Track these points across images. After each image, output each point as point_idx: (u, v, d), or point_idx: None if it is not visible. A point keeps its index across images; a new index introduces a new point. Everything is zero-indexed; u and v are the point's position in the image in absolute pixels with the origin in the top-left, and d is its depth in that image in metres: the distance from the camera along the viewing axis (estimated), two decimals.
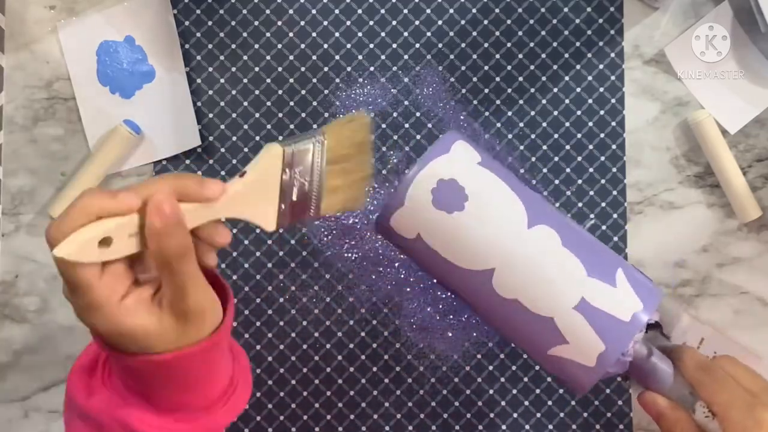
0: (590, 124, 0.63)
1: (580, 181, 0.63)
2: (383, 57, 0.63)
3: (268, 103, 0.63)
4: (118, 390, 0.40)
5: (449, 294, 0.49)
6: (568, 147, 0.63)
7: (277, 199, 0.42)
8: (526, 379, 0.62)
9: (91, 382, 0.41)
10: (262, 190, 0.42)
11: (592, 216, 0.63)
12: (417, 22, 0.64)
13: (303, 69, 0.63)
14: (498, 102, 0.63)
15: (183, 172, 0.39)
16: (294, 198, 0.43)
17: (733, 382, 0.47)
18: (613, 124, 0.63)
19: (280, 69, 0.63)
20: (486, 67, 0.63)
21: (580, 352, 0.46)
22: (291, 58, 0.63)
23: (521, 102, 0.63)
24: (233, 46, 0.63)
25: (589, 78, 0.63)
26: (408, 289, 0.62)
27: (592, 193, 0.63)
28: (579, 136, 0.63)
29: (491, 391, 0.62)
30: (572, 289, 0.47)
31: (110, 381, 0.40)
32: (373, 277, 0.62)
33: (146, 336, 0.37)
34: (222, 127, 0.63)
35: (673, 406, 0.46)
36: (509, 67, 0.63)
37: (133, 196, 0.37)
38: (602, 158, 0.63)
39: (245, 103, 0.63)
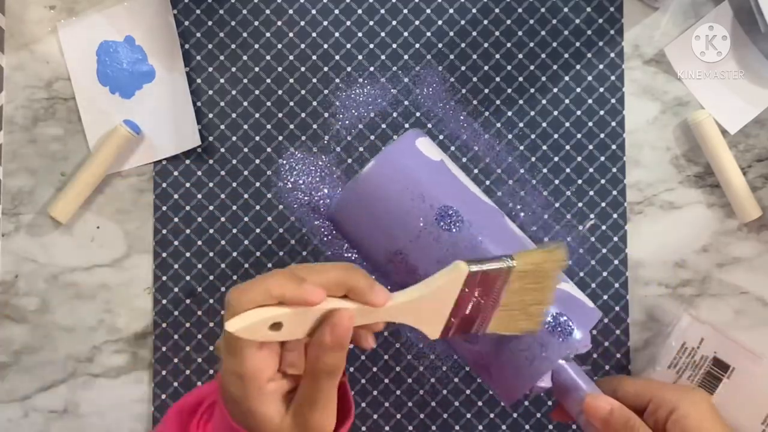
0: (590, 124, 0.63)
1: (580, 181, 0.63)
2: (383, 57, 0.63)
3: (268, 103, 0.63)
4: None
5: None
6: (568, 147, 0.63)
7: (449, 314, 0.42)
8: None
9: (188, 424, 0.42)
10: (435, 303, 0.42)
11: (592, 216, 0.63)
12: (417, 22, 0.64)
13: (303, 69, 0.63)
14: (498, 102, 0.63)
15: (355, 268, 0.40)
16: (465, 315, 0.42)
17: (652, 379, 0.50)
18: (613, 124, 0.63)
19: (280, 69, 0.63)
20: (486, 67, 0.63)
21: (579, 293, 0.50)
22: (291, 58, 0.63)
23: (521, 102, 0.63)
24: (233, 46, 0.63)
25: (589, 78, 0.63)
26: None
27: (592, 193, 0.63)
28: (579, 136, 0.63)
29: (491, 391, 0.62)
30: None
31: (205, 430, 0.41)
32: (373, 276, 0.62)
33: (263, 424, 0.38)
34: (222, 127, 0.63)
35: (621, 404, 0.46)
36: (509, 67, 0.63)
37: (319, 292, 0.38)
38: (602, 158, 0.63)
39: (245, 103, 0.63)
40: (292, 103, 0.63)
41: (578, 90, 0.63)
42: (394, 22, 0.64)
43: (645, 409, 0.49)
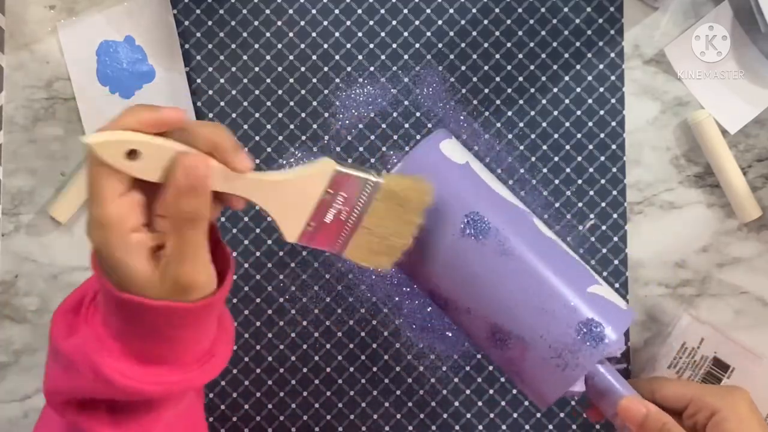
0: (590, 124, 0.63)
1: (580, 181, 0.63)
2: (383, 57, 0.63)
3: (268, 103, 0.63)
4: (98, 332, 0.39)
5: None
6: (568, 147, 0.63)
7: (310, 212, 0.41)
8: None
9: (74, 321, 0.41)
10: (298, 194, 0.41)
11: (592, 216, 0.63)
12: (417, 22, 0.64)
13: (303, 69, 0.63)
14: (498, 102, 0.63)
15: (222, 126, 0.39)
16: (326, 221, 0.42)
17: (691, 380, 0.50)
18: (613, 124, 0.63)
19: (280, 69, 0.63)
20: (486, 67, 0.63)
21: (613, 294, 0.49)
22: (291, 58, 0.63)
23: (521, 102, 0.63)
24: (233, 46, 0.63)
25: (589, 78, 0.63)
26: (408, 289, 0.62)
27: (592, 193, 0.63)
28: (579, 136, 0.63)
29: (491, 391, 0.62)
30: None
31: (92, 321, 0.40)
32: (373, 277, 0.62)
33: (134, 280, 0.36)
34: None
35: (658, 408, 0.46)
36: (509, 67, 0.63)
37: (177, 112, 0.37)
38: (602, 158, 0.63)
39: (245, 103, 0.63)
40: (292, 103, 0.63)
41: (578, 90, 0.63)
42: (394, 22, 0.64)
43: (683, 411, 0.48)
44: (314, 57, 0.63)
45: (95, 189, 0.36)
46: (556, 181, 0.63)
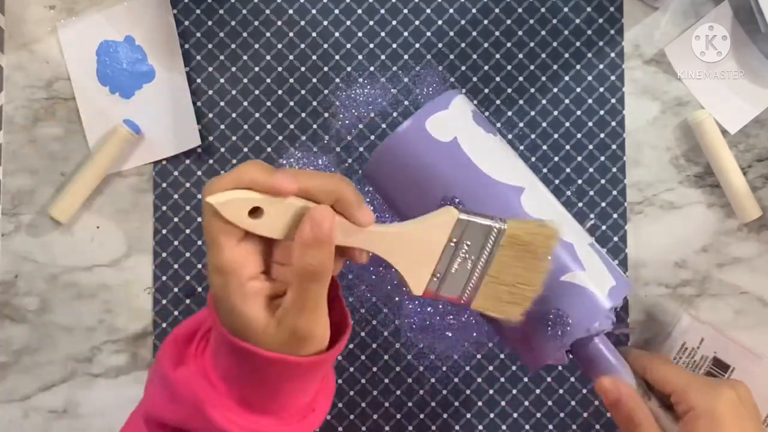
0: (590, 124, 0.63)
1: (580, 181, 0.63)
2: (383, 57, 0.63)
3: (268, 103, 0.63)
4: (206, 369, 0.39)
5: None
6: (568, 147, 0.63)
7: (435, 263, 0.41)
8: (525, 379, 0.62)
9: (184, 351, 0.41)
10: (422, 245, 0.41)
11: (592, 216, 0.63)
12: (417, 22, 0.64)
13: (303, 69, 0.63)
14: (498, 102, 0.63)
15: (346, 180, 0.39)
16: (453, 270, 0.41)
17: (683, 368, 0.48)
18: (613, 124, 0.63)
19: (280, 69, 0.63)
20: (486, 67, 0.63)
21: (594, 281, 0.48)
22: (291, 58, 0.63)
23: (521, 102, 0.63)
24: (233, 46, 0.63)
25: (589, 78, 0.63)
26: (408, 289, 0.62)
27: (592, 193, 0.63)
28: (579, 136, 0.63)
29: (491, 391, 0.62)
30: (583, 232, 0.51)
31: (202, 356, 0.40)
32: (373, 277, 0.62)
33: (249, 327, 0.37)
34: (222, 127, 0.63)
35: (631, 392, 0.46)
36: (509, 67, 0.63)
37: (291, 180, 0.37)
38: (602, 158, 0.63)
39: (245, 103, 0.63)
40: (292, 103, 0.63)
41: (578, 90, 0.63)
42: (394, 22, 0.64)
43: (670, 396, 0.48)
44: (314, 57, 0.63)
45: (214, 237, 0.37)
46: (556, 181, 0.63)
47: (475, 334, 0.62)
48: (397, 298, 0.62)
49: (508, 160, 0.50)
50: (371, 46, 0.63)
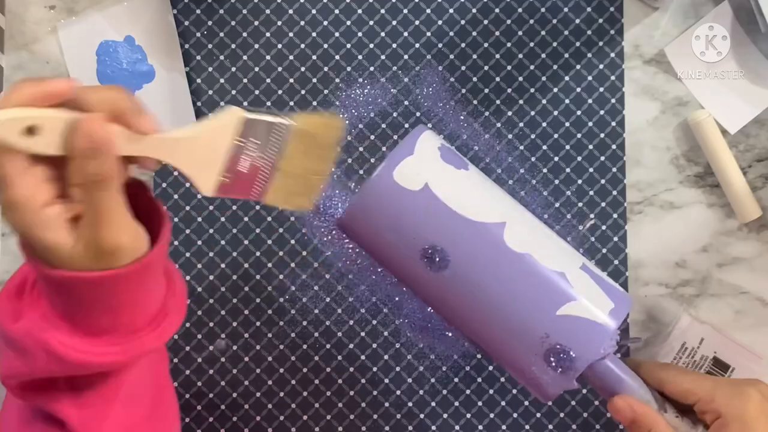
0: (590, 124, 0.63)
1: (580, 181, 0.63)
2: (383, 57, 0.63)
3: (268, 103, 0.63)
4: (45, 313, 0.38)
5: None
6: (568, 147, 0.63)
7: (222, 163, 0.41)
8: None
9: (19, 305, 0.40)
10: (209, 147, 0.40)
11: (592, 216, 0.63)
12: (417, 22, 0.64)
13: (303, 69, 0.63)
14: (498, 102, 0.63)
15: (122, 88, 0.38)
16: (243, 169, 0.41)
17: (701, 374, 0.47)
18: (613, 124, 0.63)
19: (280, 69, 0.63)
20: (486, 67, 0.63)
21: (591, 308, 0.46)
22: (291, 58, 0.63)
23: (521, 102, 0.63)
24: (233, 46, 0.63)
25: (589, 78, 0.63)
26: (408, 289, 0.62)
27: (592, 193, 0.63)
28: (579, 136, 0.63)
29: (491, 391, 0.62)
30: (574, 253, 0.50)
31: (38, 303, 0.39)
32: (373, 277, 0.62)
33: (59, 254, 0.36)
34: None
35: (647, 410, 0.46)
36: (509, 67, 0.63)
37: (64, 82, 0.36)
38: (602, 158, 0.63)
39: (245, 103, 0.63)
40: (292, 103, 0.63)
41: (578, 90, 0.63)
42: (394, 22, 0.64)
43: (694, 405, 0.47)
44: (314, 57, 0.63)
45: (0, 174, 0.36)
46: (556, 181, 0.63)
47: None
48: (397, 298, 0.62)
49: (485, 194, 0.49)
50: (371, 46, 0.63)
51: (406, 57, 0.63)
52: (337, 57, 0.63)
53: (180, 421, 0.50)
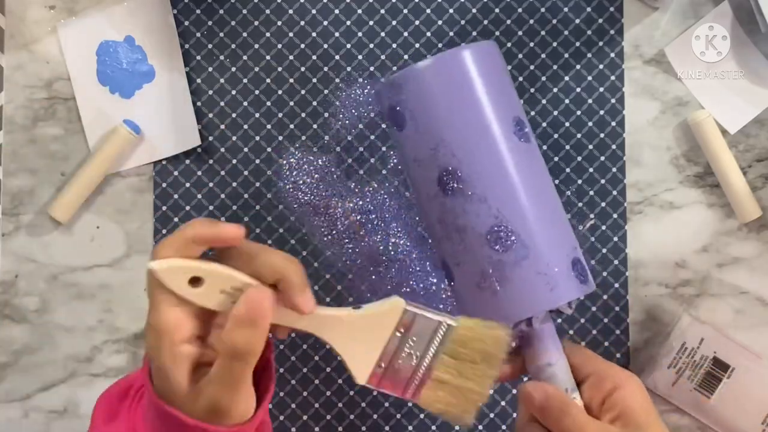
0: (590, 124, 0.63)
1: (580, 181, 0.63)
2: (383, 57, 0.63)
3: (268, 103, 0.63)
4: (136, 425, 0.39)
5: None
6: (568, 147, 0.63)
7: (379, 353, 0.40)
8: (525, 379, 0.62)
9: (118, 408, 0.41)
10: (367, 332, 0.40)
11: (592, 216, 0.63)
12: (417, 22, 0.64)
13: (303, 69, 0.63)
14: None
15: (294, 261, 0.39)
16: (398, 363, 0.40)
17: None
18: (613, 124, 0.63)
19: (280, 69, 0.63)
20: None
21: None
22: (291, 58, 0.63)
23: (521, 102, 0.63)
24: (233, 46, 0.63)
25: (589, 78, 0.63)
26: (408, 290, 0.62)
27: (592, 193, 0.63)
28: (579, 136, 0.63)
29: (491, 391, 0.62)
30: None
31: (135, 412, 0.40)
32: (373, 277, 0.62)
33: (173, 392, 0.37)
34: (222, 127, 0.63)
35: (560, 392, 0.44)
36: (509, 67, 0.63)
37: (235, 228, 0.38)
38: (602, 158, 0.63)
39: (245, 103, 0.63)
40: (292, 103, 0.63)
41: (578, 90, 0.63)
42: (394, 22, 0.64)
43: (582, 382, 0.46)
44: (314, 57, 0.63)
45: (152, 298, 0.37)
46: (556, 181, 0.63)
47: None
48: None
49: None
50: (371, 46, 0.63)
51: (406, 57, 0.63)
52: (337, 57, 0.63)
53: None
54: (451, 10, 0.64)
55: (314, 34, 0.64)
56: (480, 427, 0.62)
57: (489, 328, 0.41)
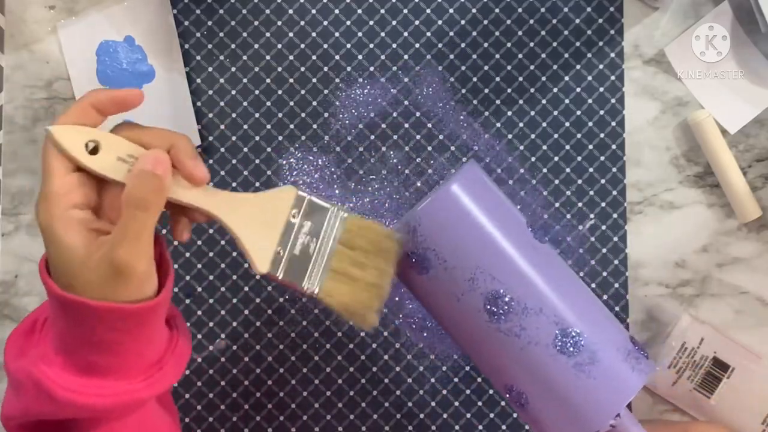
0: (590, 124, 0.63)
1: (580, 181, 0.63)
2: (383, 57, 0.63)
3: (268, 103, 0.63)
4: (44, 350, 0.38)
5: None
6: (568, 147, 0.63)
7: (277, 238, 0.40)
8: None
9: (25, 343, 0.40)
10: (264, 217, 0.39)
11: (592, 216, 0.63)
12: (417, 22, 0.64)
13: (303, 69, 0.63)
14: (498, 102, 0.63)
15: (184, 135, 0.40)
16: (296, 252, 0.40)
17: None
18: (613, 124, 0.63)
19: (280, 69, 0.63)
20: (486, 67, 0.63)
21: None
22: (291, 58, 0.63)
23: (521, 102, 0.63)
24: (233, 46, 0.63)
25: (589, 78, 0.63)
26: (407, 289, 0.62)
27: (592, 193, 0.63)
28: (579, 136, 0.63)
29: (491, 391, 0.62)
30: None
31: (43, 342, 0.39)
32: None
33: (68, 254, 0.36)
34: (222, 127, 0.63)
35: None
36: (509, 67, 0.63)
37: (135, 91, 0.39)
38: (602, 158, 0.63)
39: (245, 103, 0.63)
40: (292, 103, 0.63)
41: (578, 90, 0.63)
42: (394, 22, 0.64)
43: None
44: (314, 57, 0.63)
45: (47, 164, 0.37)
46: (556, 181, 0.63)
47: None
48: (397, 298, 0.62)
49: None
50: (371, 46, 0.63)
51: (406, 57, 0.63)
52: (337, 57, 0.63)
53: None
54: (451, 10, 0.64)
55: (314, 34, 0.64)
56: (480, 427, 0.62)
57: (380, 225, 0.42)
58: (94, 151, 0.37)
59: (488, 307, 0.45)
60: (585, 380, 0.45)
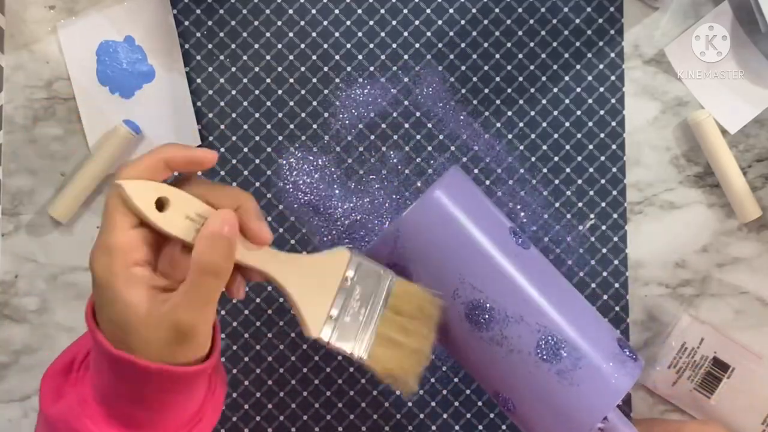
0: (590, 124, 0.63)
1: (580, 181, 0.63)
2: (383, 57, 0.63)
3: (268, 103, 0.63)
4: (84, 398, 0.38)
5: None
6: (568, 147, 0.63)
7: (330, 302, 0.40)
8: None
9: (63, 384, 0.39)
10: (319, 280, 0.39)
11: (592, 216, 0.63)
12: (417, 22, 0.64)
13: (303, 69, 0.63)
14: (498, 102, 0.63)
15: (249, 194, 0.39)
16: (347, 317, 0.40)
17: None
18: (613, 124, 0.63)
19: (280, 69, 0.63)
20: (486, 67, 0.63)
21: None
22: (291, 58, 0.63)
23: (521, 102, 0.63)
24: (233, 46, 0.63)
25: (589, 78, 0.63)
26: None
27: (592, 193, 0.63)
28: (579, 136, 0.63)
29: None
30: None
31: (81, 385, 0.38)
32: None
33: (128, 312, 0.35)
34: (222, 127, 0.63)
35: None
36: (509, 67, 0.63)
37: (211, 152, 0.38)
38: (602, 158, 0.63)
39: (245, 103, 0.63)
40: (292, 103, 0.63)
41: (578, 90, 0.63)
42: (394, 22, 0.64)
43: None
44: (314, 57, 0.63)
45: (111, 216, 0.36)
46: (556, 181, 0.63)
47: None
48: None
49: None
50: (371, 46, 0.63)
51: (406, 57, 0.63)
52: (337, 57, 0.63)
53: None
54: (451, 10, 0.64)
55: (314, 34, 0.64)
56: (480, 427, 0.62)
57: (425, 290, 0.42)
58: (160, 207, 0.36)
59: (470, 315, 0.46)
60: (568, 387, 0.45)
